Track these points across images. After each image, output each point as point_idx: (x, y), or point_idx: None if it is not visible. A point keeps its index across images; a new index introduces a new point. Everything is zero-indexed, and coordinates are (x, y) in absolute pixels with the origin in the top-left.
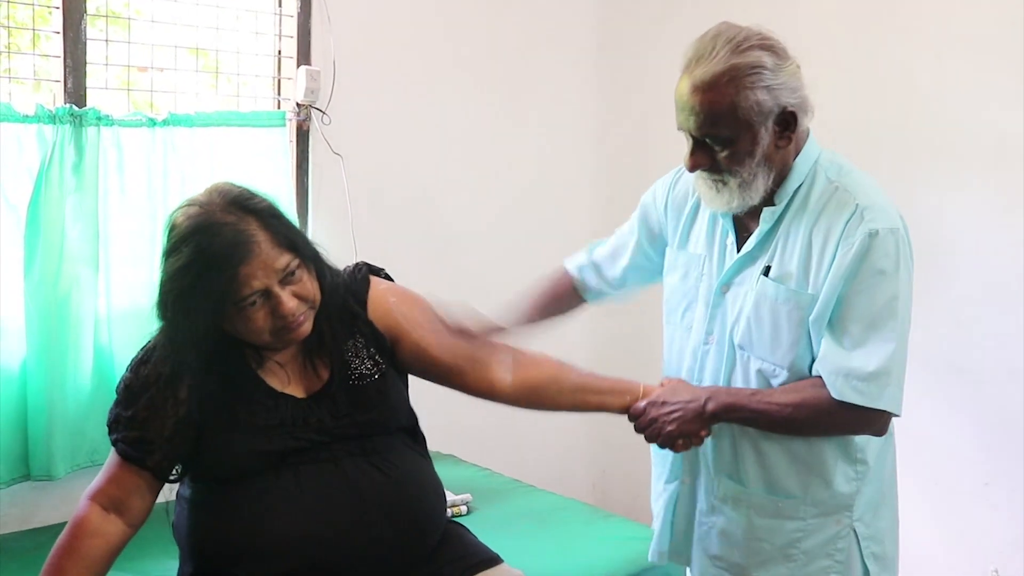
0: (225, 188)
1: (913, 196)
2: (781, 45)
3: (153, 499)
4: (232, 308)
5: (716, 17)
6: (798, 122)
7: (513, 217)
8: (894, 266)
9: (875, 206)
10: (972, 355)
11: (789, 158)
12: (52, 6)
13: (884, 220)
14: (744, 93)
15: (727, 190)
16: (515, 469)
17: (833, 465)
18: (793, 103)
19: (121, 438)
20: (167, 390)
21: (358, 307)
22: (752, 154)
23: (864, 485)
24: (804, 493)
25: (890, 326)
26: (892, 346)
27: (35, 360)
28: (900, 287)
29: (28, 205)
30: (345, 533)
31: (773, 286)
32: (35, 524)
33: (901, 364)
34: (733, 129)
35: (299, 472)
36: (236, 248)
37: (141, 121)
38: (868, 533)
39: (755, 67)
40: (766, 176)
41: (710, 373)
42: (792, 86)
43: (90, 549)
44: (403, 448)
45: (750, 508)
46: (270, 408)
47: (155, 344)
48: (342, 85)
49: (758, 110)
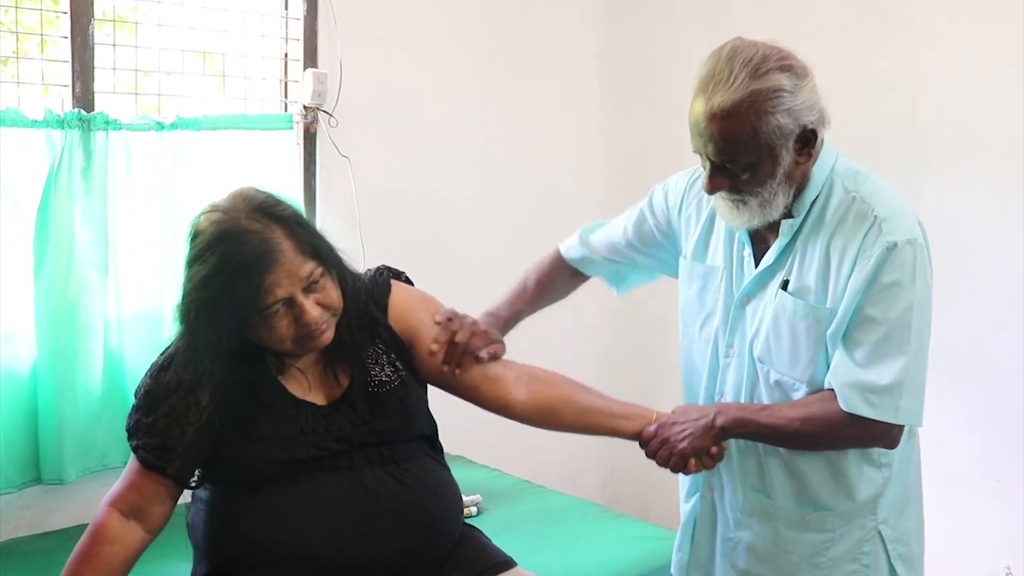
0: (249, 194)
1: (922, 195)
2: (800, 62)
3: (173, 505)
4: (255, 316)
5: (721, 16)
6: (818, 137)
7: (520, 218)
8: (910, 277)
9: (894, 216)
10: (983, 352)
11: (807, 172)
12: (60, 11)
13: (903, 231)
14: (765, 119)
15: (747, 209)
16: (525, 470)
17: (858, 472)
18: (813, 120)
19: (142, 445)
20: (189, 397)
21: (379, 312)
22: (773, 175)
23: (888, 487)
24: (832, 504)
25: (904, 338)
26: (905, 359)
27: (45, 364)
28: (916, 297)
29: (37, 209)
30: (360, 541)
31: (792, 301)
32: (46, 528)
33: (918, 375)
34: (755, 155)
35: (317, 480)
36: (262, 257)
37: (149, 125)
38: (894, 535)
39: (776, 91)
40: (786, 193)
41: (731, 386)
42: (811, 103)
43: (109, 556)
44: (422, 456)
45: (778, 521)
46: (291, 416)
47: (176, 350)
48: (349, 88)
49: (779, 133)
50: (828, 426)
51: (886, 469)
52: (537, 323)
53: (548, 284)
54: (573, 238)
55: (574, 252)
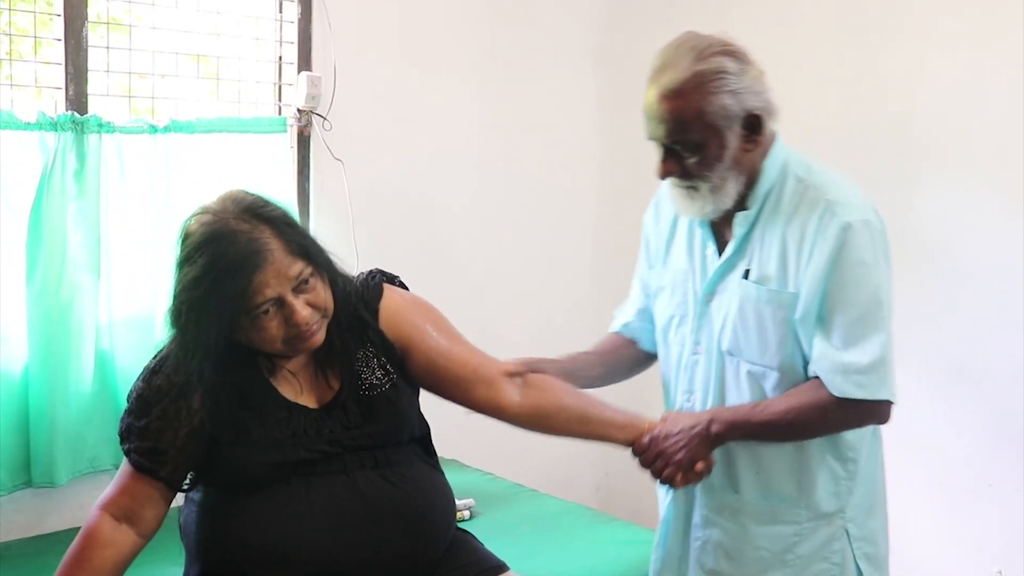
0: (239, 196)
1: (915, 198)
2: (743, 51)
3: (166, 509)
4: (245, 317)
5: (718, 18)
6: (763, 125)
7: (514, 222)
8: (873, 257)
9: (845, 200)
10: (976, 356)
11: (757, 162)
12: (53, 13)
13: (856, 213)
14: (709, 98)
15: (699, 196)
16: (518, 474)
17: (821, 463)
18: (758, 106)
19: (134, 448)
20: (180, 400)
21: (369, 316)
22: (721, 158)
23: (856, 485)
24: (798, 495)
25: (879, 315)
26: (884, 336)
27: (37, 367)
28: (881, 277)
29: (30, 212)
30: (353, 544)
31: (755, 288)
32: (38, 531)
33: (891, 351)
34: (701, 134)
35: (310, 483)
36: (250, 257)
37: (142, 128)
38: (860, 534)
39: (719, 72)
40: (736, 180)
41: (700, 383)
42: (756, 90)
43: (101, 560)
44: (415, 460)
45: (746, 516)
46: (282, 419)
47: (167, 353)
48: (343, 91)
49: (724, 114)
50: (820, 412)
51: (851, 464)
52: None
53: (613, 350)
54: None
55: (618, 322)
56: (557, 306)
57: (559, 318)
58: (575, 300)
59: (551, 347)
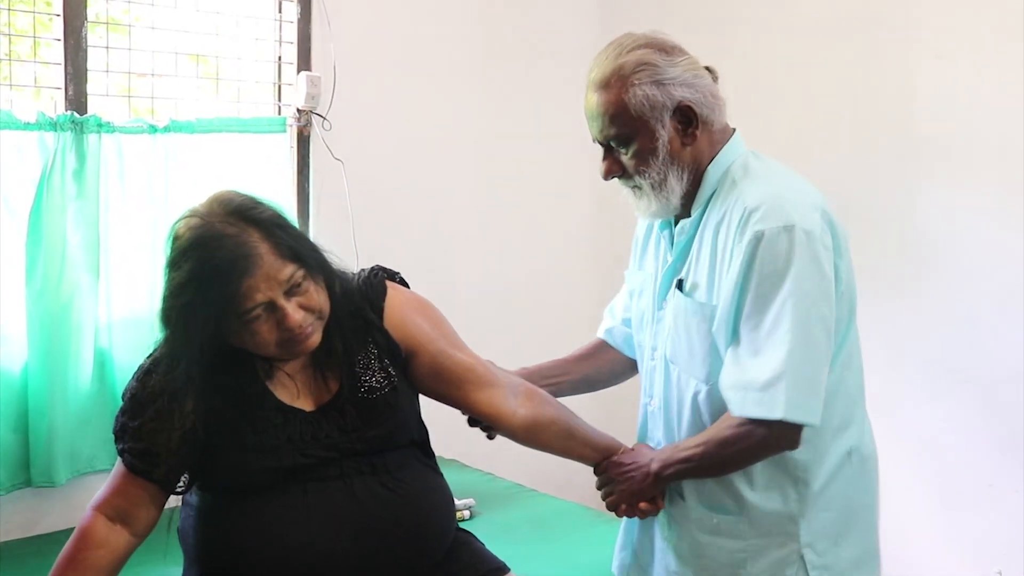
0: (226, 197)
1: (916, 198)
2: (672, 43)
3: (160, 510)
4: (236, 322)
5: (716, 19)
6: (698, 117)
7: (514, 222)
8: (784, 264)
9: (763, 206)
10: (976, 357)
11: (703, 161)
12: (53, 13)
13: (773, 219)
14: (632, 90)
15: (644, 195)
16: (518, 474)
17: (763, 479)
18: (689, 97)
19: (127, 449)
20: (173, 402)
21: (373, 314)
22: (654, 152)
23: (809, 509)
24: (739, 510)
25: (784, 327)
26: (785, 349)
27: (36, 366)
28: (795, 285)
29: (29, 212)
30: (350, 551)
31: (683, 299)
32: (36, 531)
33: (804, 367)
34: (629, 127)
35: (307, 488)
36: (237, 261)
37: (142, 128)
38: (822, 563)
39: (641, 64)
40: (678, 176)
41: (659, 389)
42: (686, 81)
43: (95, 560)
44: (414, 463)
45: (691, 524)
46: (278, 425)
47: (161, 354)
48: (343, 90)
49: (649, 105)
50: (726, 441)
51: (803, 487)
52: (532, 324)
53: (590, 356)
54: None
55: (602, 327)
56: (556, 304)
57: (558, 316)
58: (574, 297)
59: (550, 347)
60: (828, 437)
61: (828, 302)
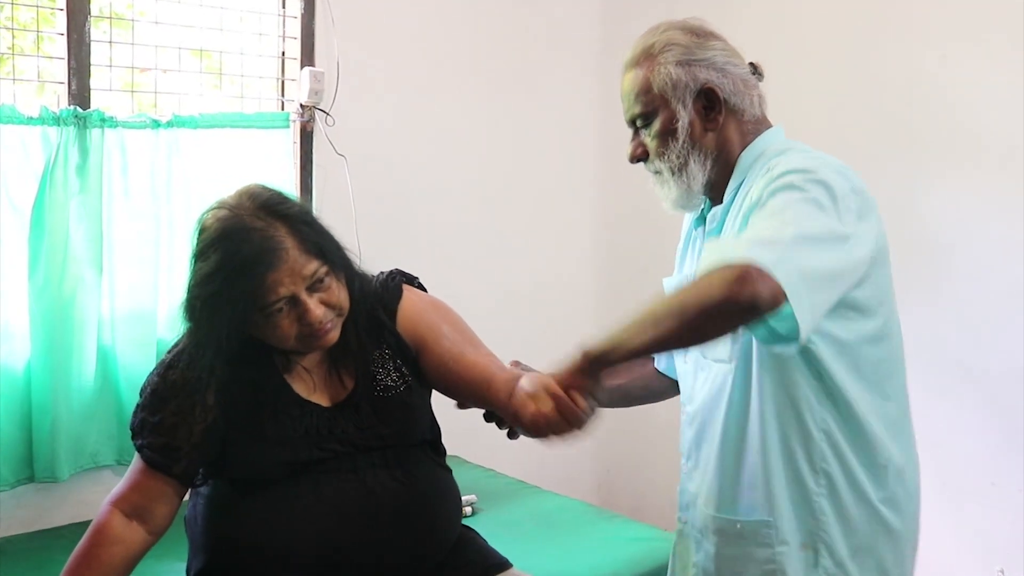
0: (256, 191)
1: (919, 197)
2: (708, 29)
3: (177, 506)
4: (258, 314)
5: (720, 16)
6: (723, 102)
7: (517, 218)
8: (803, 183)
9: (790, 165)
10: (979, 355)
11: (732, 150)
12: (56, 8)
13: (798, 169)
14: (657, 68)
15: (666, 182)
16: (520, 470)
17: (789, 470)
18: (715, 81)
19: (147, 444)
20: (195, 396)
21: (386, 317)
22: (674, 134)
23: (835, 507)
24: (767, 511)
25: (790, 213)
26: (794, 229)
27: (39, 362)
28: (810, 206)
29: (32, 207)
30: (360, 543)
31: None
32: (39, 526)
33: (809, 260)
34: (651, 105)
35: (319, 481)
36: (263, 255)
37: (145, 123)
38: (835, 573)
39: (668, 44)
40: (699, 162)
41: (702, 387)
42: (715, 64)
43: (111, 557)
44: (425, 460)
45: (717, 535)
46: (295, 417)
47: (183, 348)
48: (346, 86)
49: (672, 84)
50: (695, 287)
51: (824, 478)
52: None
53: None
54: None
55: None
56: (560, 299)
57: (562, 311)
58: (578, 292)
59: (554, 342)
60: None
61: (841, 247)
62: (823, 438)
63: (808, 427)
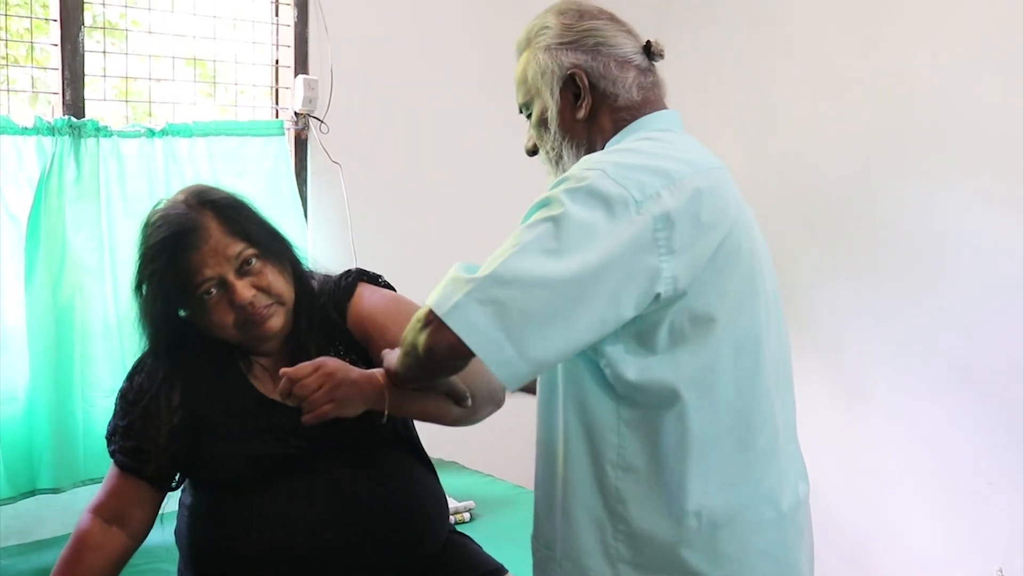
0: (193, 187)
1: (914, 196)
2: (586, 8)
3: (154, 509)
4: (192, 300)
5: (715, 17)
6: (586, 87)
7: (512, 227)
8: (562, 194)
9: (583, 162)
10: (975, 354)
11: (602, 138)
12: (49, 18)
13: (581, 166)
14: (526, 55)
15: (550, 175)
16: (518, 476)
17: (583, 507)
18: (581, 65)
19: (118, 448)
20: (160, 398)
21: (336, 315)
22: (546, 124)
23: (639, 555)
24: (560, 541)
25: (510, 243)
26: (500, 260)
27: (39, 372)
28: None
29: (28, 216)
30: (337, 543)
31: None
32: (38, 537)
33: (505, 284)
34: (528, 95)
35: (294, 483)
36: (182, 236)
37: (139, 132)
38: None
39: (540, 29)
40: (571, 153)
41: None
42: (584, 46)
43: (92, 563)
44: (401, 457)
45: (535, 559)
46: (259, 416)
47: (146, 353)
48: (340, 94)
49: (539, 71)
50: (407, 332)
51: (622, 523)
52: None
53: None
54: None
55: None
56: None
57: None
58: None
59: None
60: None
61: (605, 269)
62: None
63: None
